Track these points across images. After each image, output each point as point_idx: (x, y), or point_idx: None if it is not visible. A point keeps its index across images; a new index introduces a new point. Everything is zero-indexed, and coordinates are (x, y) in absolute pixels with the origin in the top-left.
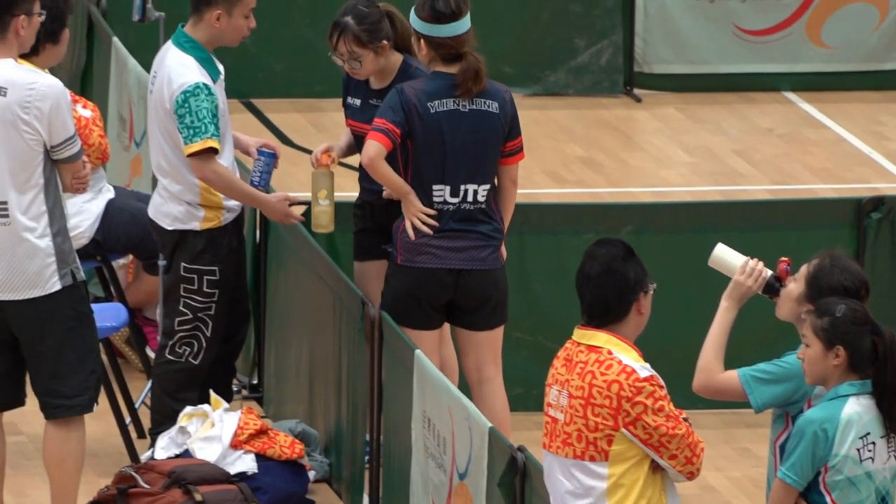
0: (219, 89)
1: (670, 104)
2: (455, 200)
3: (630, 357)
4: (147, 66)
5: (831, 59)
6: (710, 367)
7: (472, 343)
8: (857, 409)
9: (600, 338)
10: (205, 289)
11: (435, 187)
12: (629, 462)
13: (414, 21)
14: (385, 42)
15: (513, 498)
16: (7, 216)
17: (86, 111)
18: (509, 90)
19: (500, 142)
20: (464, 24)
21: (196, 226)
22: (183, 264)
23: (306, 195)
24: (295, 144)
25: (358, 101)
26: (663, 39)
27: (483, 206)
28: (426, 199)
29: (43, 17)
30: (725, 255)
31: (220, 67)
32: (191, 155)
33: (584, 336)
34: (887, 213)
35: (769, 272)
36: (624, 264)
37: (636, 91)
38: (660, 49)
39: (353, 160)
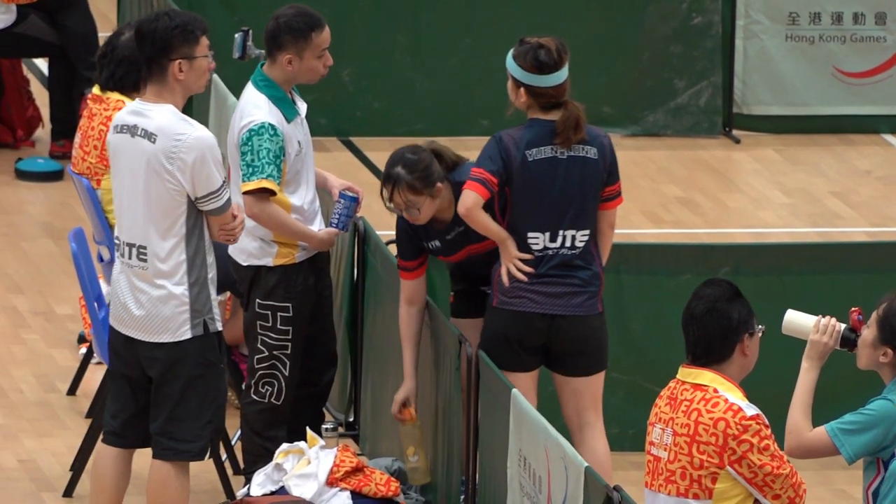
0: (294, 128)
1: (769, 145)
2: (554, 246)
3: (736, 396)
4: None
5: None
6: (799, 427)
7: (570, 389)
8: None
9: (706, 376)
10: (279, 325)
11: (531, 234)
12: (733, 500)
13: (514, 69)
14: (439, 185)
15: None
16: (146, 261)
17: None
18: (608, 135)
19: (600, 187)
20: (564, 73)
21: (269, 262)
22: (257, 300)
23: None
24: None
25: (438, 243)
26: (762, 81)
27: (582, 251)
28: (522, 245)
29: (211, 61)
30: (797, 319)
31: (302, 106)
32: (245, 193)
33: (690, 375)
34: None
35: (843, 326)
36: (728, 304)
37: (735, 132)
38: (759, 90)
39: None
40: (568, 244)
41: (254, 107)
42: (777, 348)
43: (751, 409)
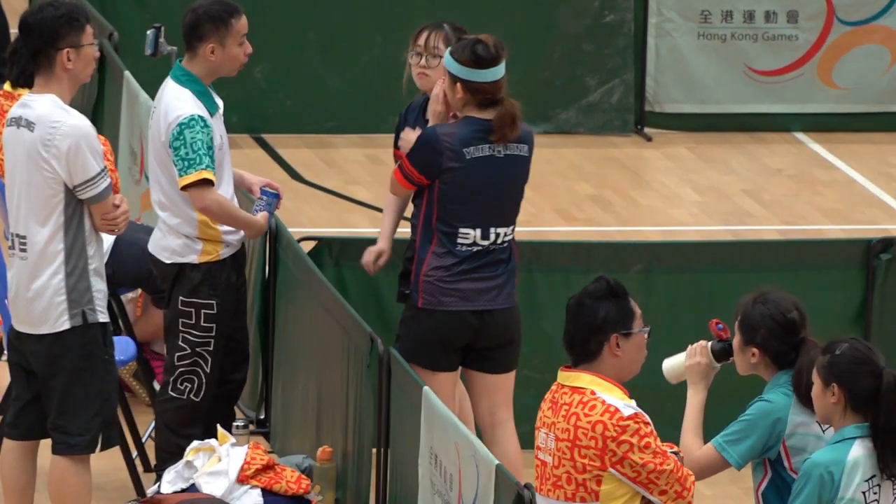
0: (217, 123)
1: (681, 143)
2: (485, 243)
3: (614, 396)
4: None
5: (842, 100)
6: (690, 448)
7: (487, 386)
8: (863, 451)
9: (583, 379)
10: (202, 323)
11: (462, 230)
12: (619, 500)
13: (451, 65)
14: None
15: None
16: (25, 250)
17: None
18: (532, 130)
19: (526, 182)
20: (501, 70)
21: (194, 259)
22: (181, 298)
23: (315, 230)
24: (304, 180)
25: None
26: (674, 79)
27: (506, 246)
28: (449, 239)
29: (96, 49)
30: (671, 363)
31: (219, 101)
32: (186, 187)
33: (568, 378)
34: None
35: (709, 343)
36: (597, 302)
37: (647, 130)
38: (671, 88)
39: (375, 200)
40: (498, 241)
41: (179, 101)
42: (674, 346)
43: (628, 409)
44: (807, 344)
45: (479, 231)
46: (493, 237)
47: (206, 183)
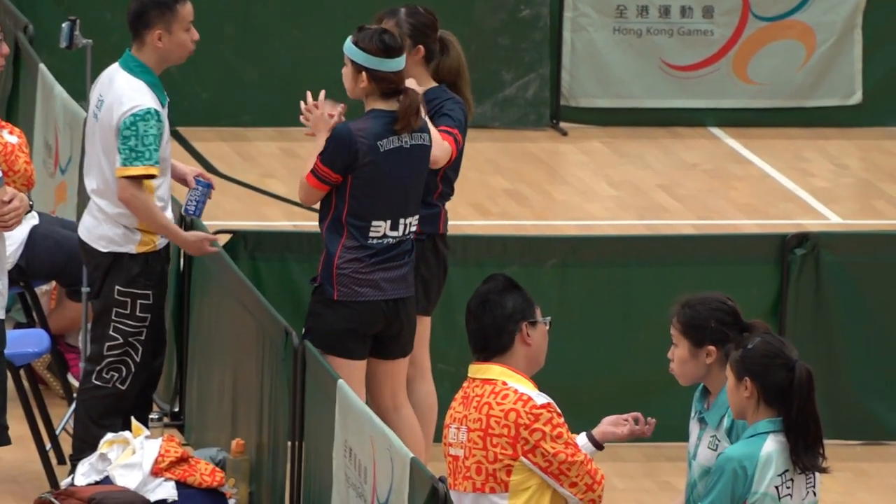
0: (164, 115)
1: (596, 138)
2: (395, 234)
3: (525, 387)
4: (74, 92)
5: (757, 95)
6: None
7: (389, 371)
8: (776, 446)
9: (494, 370)
10: (138, 313)
11: (374, 223)
12: (529, 492)
13: (356, 53)
14: (420, 47)
15: None
16: None
17: (12, 137)
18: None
19: (428, 172)
20: (404, 60)
21: (132, 249)
22: (117, 287)
23: (230, 223)
24: (220, 173)
25: None
26: (590, 73)
27: (412, 234)
28: (361, 233)
29: (4, 45)
30: None
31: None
32: (125, 177)
33: (478, 371)
34: (811, 250)
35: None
36: (501, 296)
37: (562, 124)
38: (586, 83)
39: (290, 194)
40: (407, 231)
41: (135, 92)
42: (589, 339)
43: (541, 398)
44: (756, 326)
45: (389, 223)
46: (402, 229)
47: (148, 178)
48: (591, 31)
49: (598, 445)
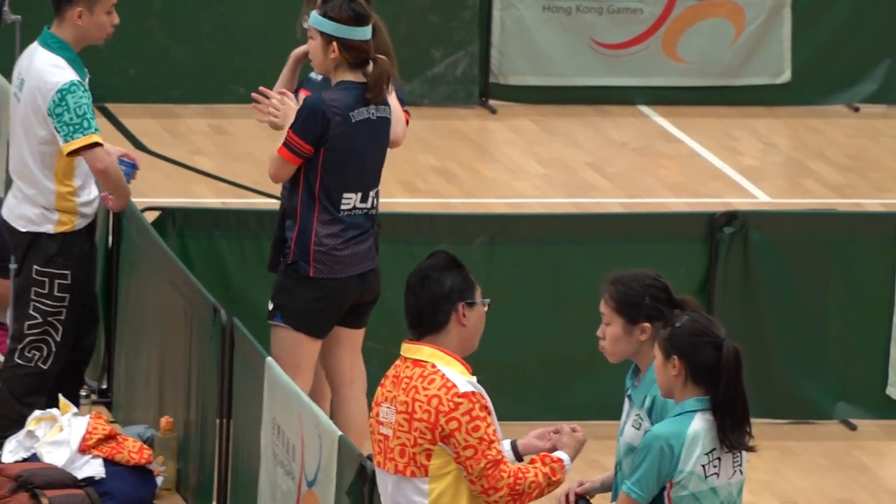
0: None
1: (525, 116)
2: (364, 206)
3: (455, 370)
4: (2, 69)
5: (686, 73)
6: None
7: (352, 341)
8: (703, 424)
9: (425, 352)
10: (56, 293)
11: (346, 195)
12: (449, 478)
13: (325, 24)
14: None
15: None
16: None
17: None
18: None
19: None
20: (371, 29)
21: (50, 229)
22: (35, 267)
23: (159, 200)
24: (149, 150)
25: (316, 75)
26: (519, 51)
27: (376, 206)
28: (333, 206)
29: None
30: None
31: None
32: (76, 151)
33: (410, 350)
34: (740, 228)
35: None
36: (441, 273)
37: (491, 102)
38: (516, 61)
39: (219, 170)
40: (374, 203)
41: (55, 67)
42: (517, 318)
43: (466, 387)
44: (687, 301)
45: (359, 195)
46: (370, 200)
47: (97, 146)
48: (521, 9)
49: (519, 456)
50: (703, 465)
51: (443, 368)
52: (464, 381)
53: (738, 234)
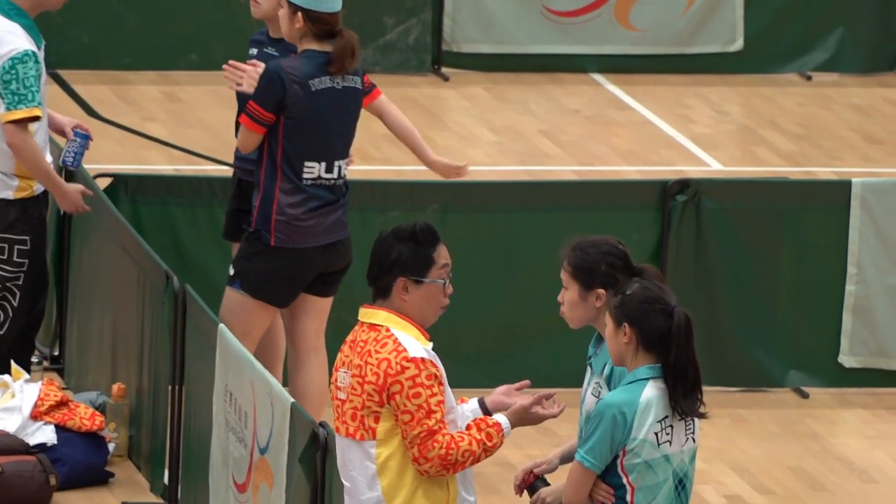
0: (40, 57)
1: (478, 83)
2: (329, 176)
3: (410, 335)
4: None
5: (639, 41)
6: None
7: (318, 309)
8: (655, 392)
9: (380, 315)
10: (15, 258)
11: (308, 164)
12: (395, 441)
13: None
14: None
15: (314, 473)
16: None
17: None
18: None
19: (359, 115)
20: (340, 2)
21: (9, 195)
22: None
23: (111, 167)
24: (101, 117)
25: (255, 51)
26: (472, 19)
27: (345, 176)
28: (296, 175)
29: None
30: None
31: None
32: (11, 122)
33: (367, 315)
34: (692, 196)
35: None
36: (395, 242)
37: (444, 70)
38: (468, 28)
39: (171, 137)
40: (341, 174)
41: (11, 34)
42: (467, 286)
43: (417, 352)
44: (646, 269)
45: (323, 165)
46: (336, 171)
47: (34, 120)
48: None
49: (487, 412)
50: (656, 433)
51: (397, 332)
52: (417, 346)
53: (691, 202)
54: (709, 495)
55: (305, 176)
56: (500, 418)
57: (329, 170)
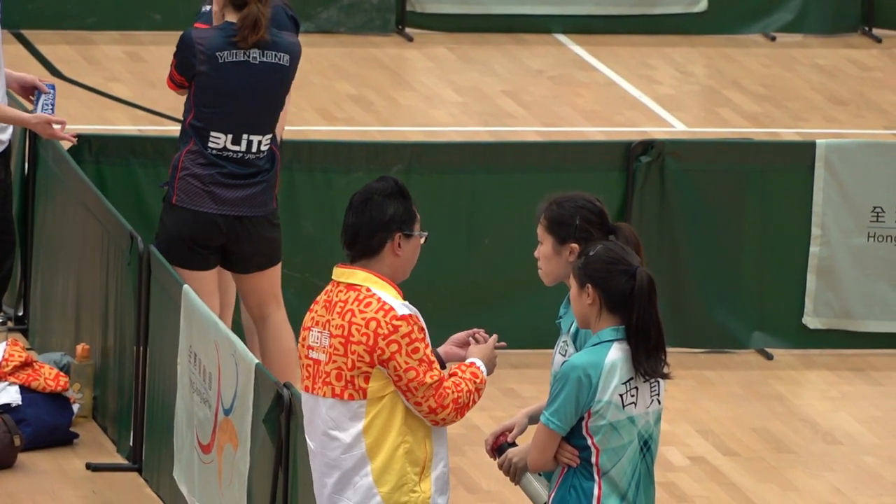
0: None
1: (441, 44)
2: (236, 149)
3: (389, 294)
4: None
5: (603, 2)
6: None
7: (249, 285)
8: (620, 354)
9: (358, 275)
10: None
11: (213, 134)
12: (384, 400)
13: None
14: None
15: (278, 434)
16: None
17: None
18: (300, 43)
19: (287, 92)
20: None
21: None
22: None
23: (75, 127)
24: (65, 77)
25: (207, 7)
26: None
27: (266, 154)
28: (202, 141)
29: None
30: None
31: None
32: None
33: (343, 275)
34: (656, 157)
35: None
36: (385, 199)
37: (408, 30)
38: None
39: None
40: (253, 149)
41: None
42: (432, 246)
43: (403, 309)
44: (621, 228)
45: (230, 137)
46: (245, 144)
47: None
48: None
49: (442, 364)
50: (621, 395)
51: (378, 292)
52: (400, 304)
53: (655, 163)
54: (673, 457)
55: (210, 145)
56: (474, 360)
57: (236, 142)
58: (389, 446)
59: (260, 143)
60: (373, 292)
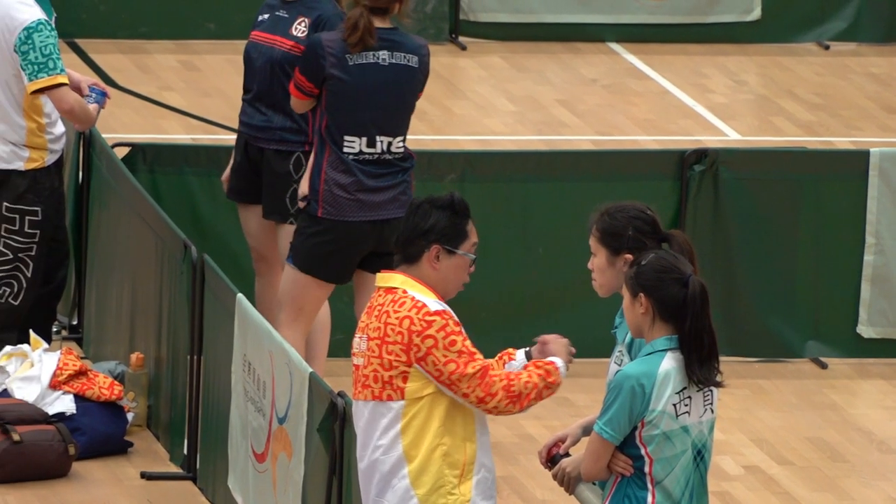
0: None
1: (495, 53)
2: (371, 151)
3: (425, 295)
4: None
5: (656, 10)
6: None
7: (369, 284)
8: (673, 363)
9: (396, 279)
10: (26, 229)
11: (347, 138)
12: (424, 401)
13: None
14: None
15: (332, 443)
16: None
17: None
18: (428, 45)
19: (416, 95)
20: None
21: (20, 166)
22: (5, 204)
23: (129, 136)
24: (119, 86)
25: (266, 16)
26: None
27: (401, 154)
28: (338, 147)
29: None
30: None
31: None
32: (40, 90)
33: (383, 279)
34: (710, 166)
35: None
36: (433, 210)
37: (461, 39)
38: None
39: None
40: (389, 150)
41: (22, 4)
42: (486, 255)
43: (436, 305)
44: (674, 236)
45: (364, 139)
46: (380, 146)
47: (62, 86)
48: None
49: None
50: (675, 405)
51: (413, 293)
52: (433, 300)
53: (708, 171)
54: (728, 466)
55: (346, 150)
56: (554, 359)
57: (371, 144)
58: (426, 448)
59: (391, 144)
60: (408, 293)
